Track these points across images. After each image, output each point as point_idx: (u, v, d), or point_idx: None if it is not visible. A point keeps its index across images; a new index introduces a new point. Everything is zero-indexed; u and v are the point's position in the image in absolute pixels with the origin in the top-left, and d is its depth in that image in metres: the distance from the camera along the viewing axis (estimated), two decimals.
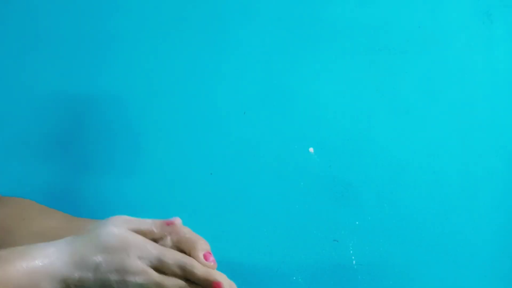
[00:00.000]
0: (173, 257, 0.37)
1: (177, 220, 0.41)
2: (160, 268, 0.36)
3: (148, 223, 0.39)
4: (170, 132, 0.94)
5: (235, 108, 0.94)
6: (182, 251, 0.40)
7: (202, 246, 0.40)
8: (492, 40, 0.93)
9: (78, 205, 0.92)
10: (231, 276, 0.46)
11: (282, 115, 0.94)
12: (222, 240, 0.90)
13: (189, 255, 0.39)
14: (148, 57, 0.96)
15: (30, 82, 0.96)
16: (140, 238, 0.36)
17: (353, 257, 0.88)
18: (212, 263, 0.41)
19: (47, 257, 0.33)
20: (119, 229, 0.36)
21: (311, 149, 0.92)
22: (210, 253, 0.41)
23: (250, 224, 0.91)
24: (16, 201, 0.52)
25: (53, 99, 0.96)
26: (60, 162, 0.94)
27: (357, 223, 0.89)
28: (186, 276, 0.38)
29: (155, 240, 0.39)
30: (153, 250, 0.36)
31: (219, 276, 0.39)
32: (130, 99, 0.96)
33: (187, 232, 0.41)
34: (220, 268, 0.50)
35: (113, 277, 0.34)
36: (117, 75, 0.96)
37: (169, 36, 0.97)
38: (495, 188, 0.88)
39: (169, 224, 0.40)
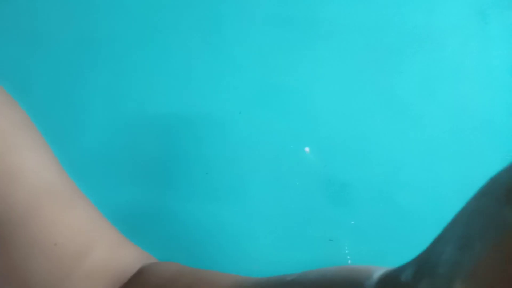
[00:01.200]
0: None
1: None
2: None
3: None
4: (164, 131, 0.94)
5: (230, 107, 0.94)
6: None
7: None
8: (488, 40, 0.93)
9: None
10: None
11: (277, 114, 0.93)
12: (217, 240, 0.90)
13: None
14: (143, 57, 0.96)
15: (29, 83, 0.96)
16: None
17: (348, 257, 0.88)
18: None
19: None
20: None
21: (307, 149, 0.92)
22: None
23: (244, 224, 0.91)
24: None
25: (52, 100, 0.95)
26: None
27: (352, 222, 0.89)
28: None
29: None
30: None
31: None
32: (125, 99, 0.95)
33: None
34: (216, 269, 0.49)
35: None
36: (116, 76, 0.96)
37: (164, 35, 0.97)
38: None
39: None
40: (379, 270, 0.25)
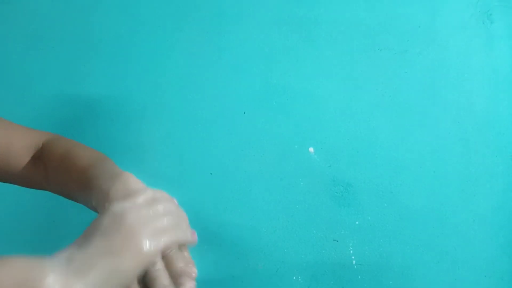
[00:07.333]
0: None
1: None
2: None
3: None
4: (170, 132, 0.94)
5: (235, 108, 0.94)
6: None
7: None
8: (492, 40, 0.93)
9: (78, 206, 0.92)
10: (230, 277, 0.46)
11: (282, 115, 0.94)
12: (221, 240, 0.90)
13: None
14: (148, 58, 0.97)
15: (30, 83, 0.96)
16: None
17: (353, 257, 0.88)
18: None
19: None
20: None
21: (311, 149, 0.92)
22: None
23: (250, 224, 0.91)
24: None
25: (53, 100, 0.96)
26: None
27: (357, 223, 0.89)
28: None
29: None
30: None
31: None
32: (130, 100, 0.96)
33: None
34: (219, 269, 0.50)
35: None
36: (117, 76, 0.96)
37: (168, 36, 0.97)
38: (495, 188, 0.88)
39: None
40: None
